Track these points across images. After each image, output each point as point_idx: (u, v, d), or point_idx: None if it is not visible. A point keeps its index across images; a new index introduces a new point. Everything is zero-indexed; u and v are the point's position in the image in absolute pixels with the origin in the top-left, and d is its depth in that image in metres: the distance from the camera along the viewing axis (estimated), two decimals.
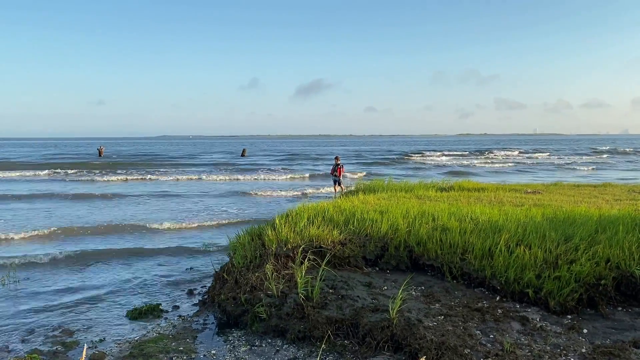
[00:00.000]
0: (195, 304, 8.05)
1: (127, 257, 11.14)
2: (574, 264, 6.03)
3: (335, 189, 22.34)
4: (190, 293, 8.64)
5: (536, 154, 73.00)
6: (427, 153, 74.78)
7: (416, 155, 69.43)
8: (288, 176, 33.80)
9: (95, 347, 6.35)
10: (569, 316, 5.68)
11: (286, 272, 7.05)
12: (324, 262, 6.78)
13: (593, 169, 43.82)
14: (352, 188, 18.18)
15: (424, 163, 54.18)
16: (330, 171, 23.53)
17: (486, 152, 78.62)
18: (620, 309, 5.86)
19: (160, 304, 7.92)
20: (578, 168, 44.78)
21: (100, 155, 64.19)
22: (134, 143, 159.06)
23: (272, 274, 6.69)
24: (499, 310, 5.83)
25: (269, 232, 7.75)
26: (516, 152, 79.85)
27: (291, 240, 7.42)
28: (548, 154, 74.61)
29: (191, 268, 10.24)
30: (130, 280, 9.44)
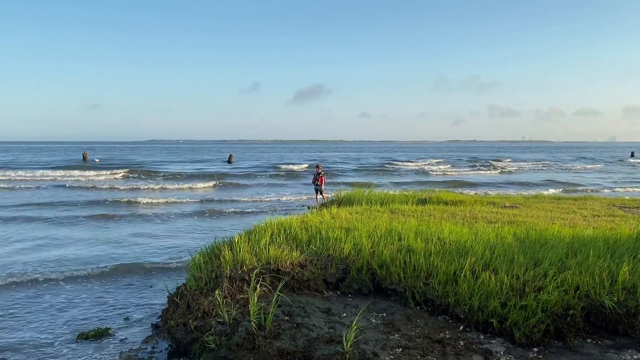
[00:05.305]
0: (148, 328, 7.57)
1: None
2: (541, 292, 5.64)
3: (317, 198, 21.99)
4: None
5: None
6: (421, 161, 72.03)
7: (406, 163, 68.49)
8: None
9: None
10: (535, 349, 5.28)
11: (241, 296, 6.59)
12: (280, 287, 6.35)
13: None
14: (334, 197, 17.80)
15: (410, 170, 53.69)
16: (311, 180, 23.17)
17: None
18: (589, 340, 5.47)
19: (110, 328, 7.43)
20: None
21: (85, 160, 63.53)
22: (118, 148, 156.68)
23: (223, 300, 6.24)
24: (461, 342, 5.42)
25: (226, 252, 7.30)
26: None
27: (247, 262, 6.97)
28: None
29: (151, 286, 9.73)
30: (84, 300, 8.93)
